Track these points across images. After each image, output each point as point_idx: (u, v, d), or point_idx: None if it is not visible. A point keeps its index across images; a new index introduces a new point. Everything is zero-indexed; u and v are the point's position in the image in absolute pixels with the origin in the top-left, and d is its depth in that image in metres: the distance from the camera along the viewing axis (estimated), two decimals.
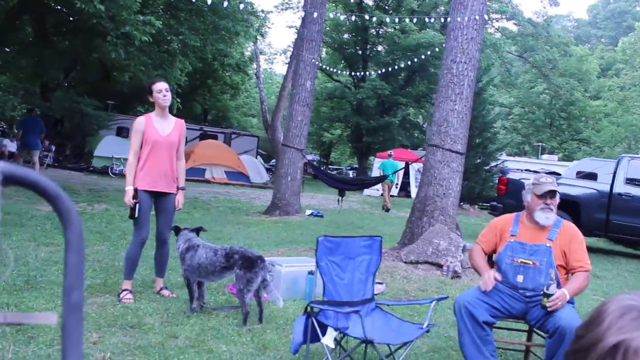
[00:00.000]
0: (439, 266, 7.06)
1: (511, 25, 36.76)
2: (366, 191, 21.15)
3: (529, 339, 4.06)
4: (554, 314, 3.40)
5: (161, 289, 5.16)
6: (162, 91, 5.01)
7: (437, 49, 23.80)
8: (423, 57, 21.35)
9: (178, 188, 5.13)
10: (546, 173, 5.03)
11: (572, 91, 37.56)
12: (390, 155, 18.38)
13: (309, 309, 3.53)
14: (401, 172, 22.51)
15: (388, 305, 4.06)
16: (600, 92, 41.05)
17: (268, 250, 7.43)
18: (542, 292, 3.48)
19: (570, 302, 3.52)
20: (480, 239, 3.97)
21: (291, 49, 28.30)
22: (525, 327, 3.99)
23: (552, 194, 3.67)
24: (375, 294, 4.13)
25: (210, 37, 16.29)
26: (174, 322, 4.34)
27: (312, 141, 37.28)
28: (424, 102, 31.28)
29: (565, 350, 1.01)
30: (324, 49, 32.13)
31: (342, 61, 34.72)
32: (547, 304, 3.40)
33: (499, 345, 3.80)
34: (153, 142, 4.94)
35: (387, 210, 17.02)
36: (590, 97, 40.30)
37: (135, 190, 4.87)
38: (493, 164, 21.78)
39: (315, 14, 12.20)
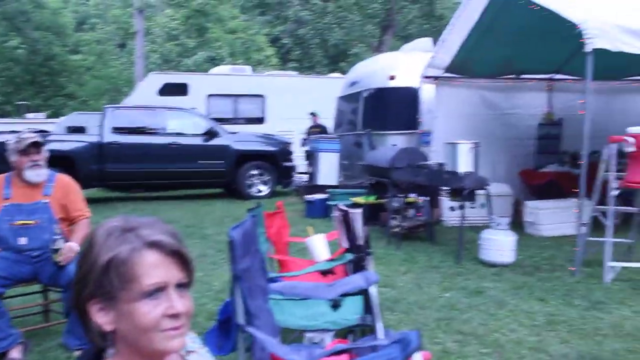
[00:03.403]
0: None
1: None
2: None
3: (46, 297, 4.04)
4: (64, 267, 3.46)
5: None
6: None
7: None
8: None
9: None
10: (33, 132, 4.88)
11: (50, 45, 36.93)
12: None
13: None
14: None
15: None
16: (79, 46, 41.47)
17: None
18: (49, 250, 3.48)
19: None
20: None
21: None
22: (40, 287, 3.95)
23: (36, 149, 3.61)
24: None
25: None
26: None
27: None
28: None
29: (72, 280, 1.12)
30: None
31: None
32: (59, 259, 3.42)
33: (15, 314, 3.67)
34: None
35: None
36: (69, 51, 40.32)
37: None
38: None
39: None
